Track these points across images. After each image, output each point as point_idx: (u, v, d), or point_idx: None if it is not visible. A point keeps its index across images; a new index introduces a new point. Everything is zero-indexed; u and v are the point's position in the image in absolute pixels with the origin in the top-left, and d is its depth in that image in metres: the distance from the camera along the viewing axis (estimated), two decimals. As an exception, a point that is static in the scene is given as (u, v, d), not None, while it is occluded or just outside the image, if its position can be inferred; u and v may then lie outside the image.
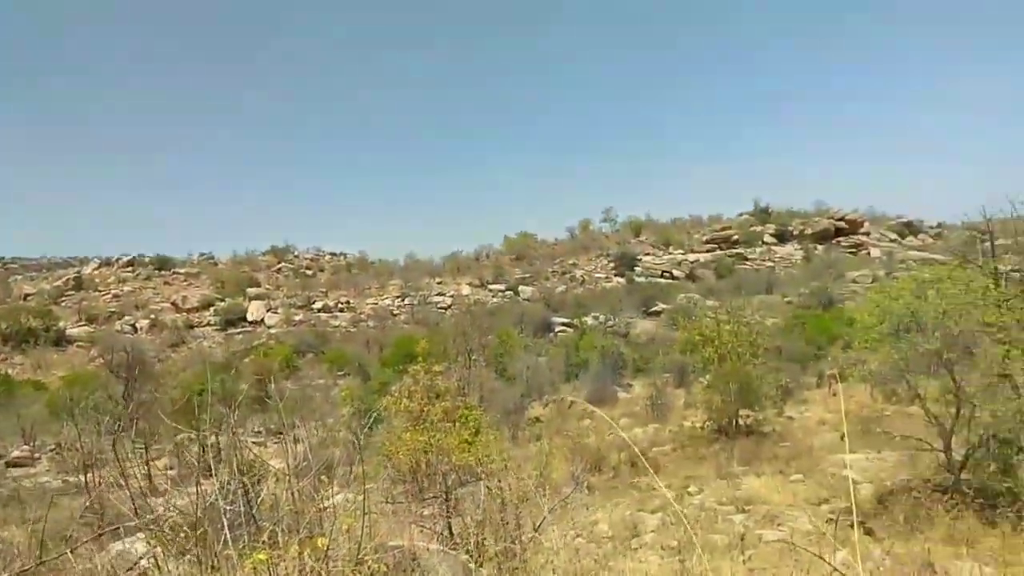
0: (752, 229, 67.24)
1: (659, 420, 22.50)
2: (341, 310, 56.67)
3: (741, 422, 19.07)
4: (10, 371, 40.90)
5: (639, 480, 15.91)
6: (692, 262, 62.25)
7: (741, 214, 73.63)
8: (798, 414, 21.04)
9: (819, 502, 12.66)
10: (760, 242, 65.26)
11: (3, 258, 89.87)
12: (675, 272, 60.76)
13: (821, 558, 3.14)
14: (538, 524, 6.42)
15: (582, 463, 15.52)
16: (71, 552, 3.48)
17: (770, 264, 60.18)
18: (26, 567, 3.16)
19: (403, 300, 58.12)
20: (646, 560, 8.35)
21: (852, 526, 9.31)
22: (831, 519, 11.12)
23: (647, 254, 65.35)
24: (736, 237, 66.17)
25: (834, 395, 23.02)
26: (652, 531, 11.57)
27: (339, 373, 36.45)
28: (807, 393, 24.19)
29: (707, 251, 64.80)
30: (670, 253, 65.76)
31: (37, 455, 23.47)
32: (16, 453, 23.23)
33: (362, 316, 54.93)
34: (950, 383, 11.65)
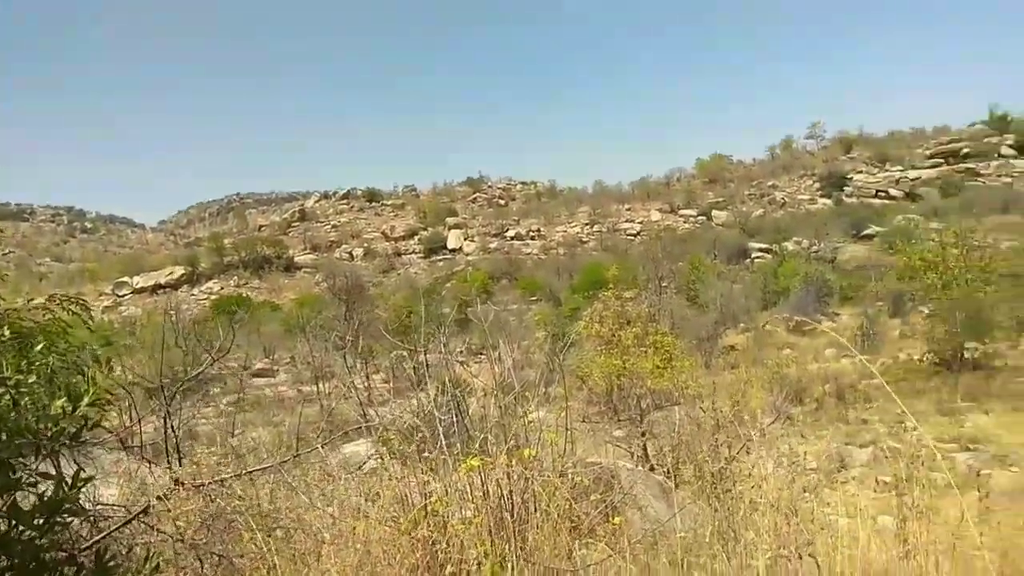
0: (986, 141, 58.30)
1: (870, 351, 20.84)
2: (532, 238, 58.04)
3: (967, 355, 17.13)
4: (250, 293, 46.85)
5: (846, 413, 14.99)
6: (912, 179, 55.69)
7: (973, 124, 63.96)
8: (1039, 348, 18.48)
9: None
10: (996, 155, 56.52)
11: (239, 194, 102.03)
12: (892, 191, 54.85)
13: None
14: (737, 451, 6.26)
15: (782, 393, 14.90)
16: (321, 447, 3.93)
17: (1007, 180, 52.15)
18: (285, 459, 3.63)
19: (592, 227, 58.18)
20: (856, 493, 7.91)
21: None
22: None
23: (859, 172, 59.45)
24: (966, 150, 57.85)
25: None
26: (862, 465, 10.92)
27: (531, 298, 37.60)
28: (1052, 325, 21.08)
29: (930, 167, 57.42)
30: (886, 170, 59.19)
31: (275, 367, 26.89)
32: (259, 364, 26.78)
33: (552, 244, 55.92)
34: None
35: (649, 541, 4.40)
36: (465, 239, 57.56)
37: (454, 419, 4.87)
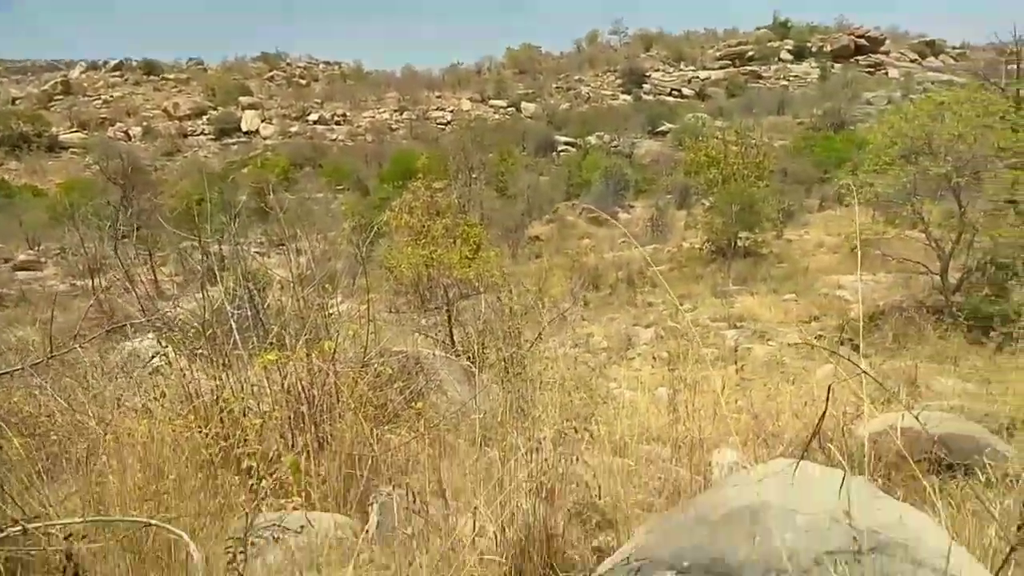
0: (769, 44, 63.64)
1: (659, 241, 22.72)
2: (338, 123, 55.28)
3: (740, 243, 19.25)
4: (6, 177, 40.60)
5: (635, 297, 16.36)
6: (703, 79, 59.76)
7: (759, 28, 69.27)
8: (797, 236, 21.19)
9: (809, 320, 13.08)
10: (776, 59, 62.09)
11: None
12: (684, 90, 58.54)
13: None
14: (537, 335, 6.62)
15: (580, 280, 15.88)
16: (80, 347, 3.56)
17: (784, 83, 57.70)
18: (39, 360, 3.24)
19: (401, 114, 56.48)
20: (640, 369, 8.76)
21: (840, 342, 9.67)
22: (820, 335, 11.54)
23: (656, 70, 62.56)
24: (751, 53, 62.86)
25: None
26: (645, 344, 12.05)
27: (337, 187, 36.25)
28: (809, 216, 24.22)
29: (720, 68, 61.88)
30: (681, 70, 62.89)
31: (43, 259, 23.86)
32: (22, 257, 23.61)
33: (359, 130, 53.70)
34: (955, 208, 11.61)
35: (452, 423, 4.57)
36: (262, 121, 53.49)
37: (249, 313, 4.63)
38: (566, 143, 44.43)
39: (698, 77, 60.33)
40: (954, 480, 3.27)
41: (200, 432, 3.49)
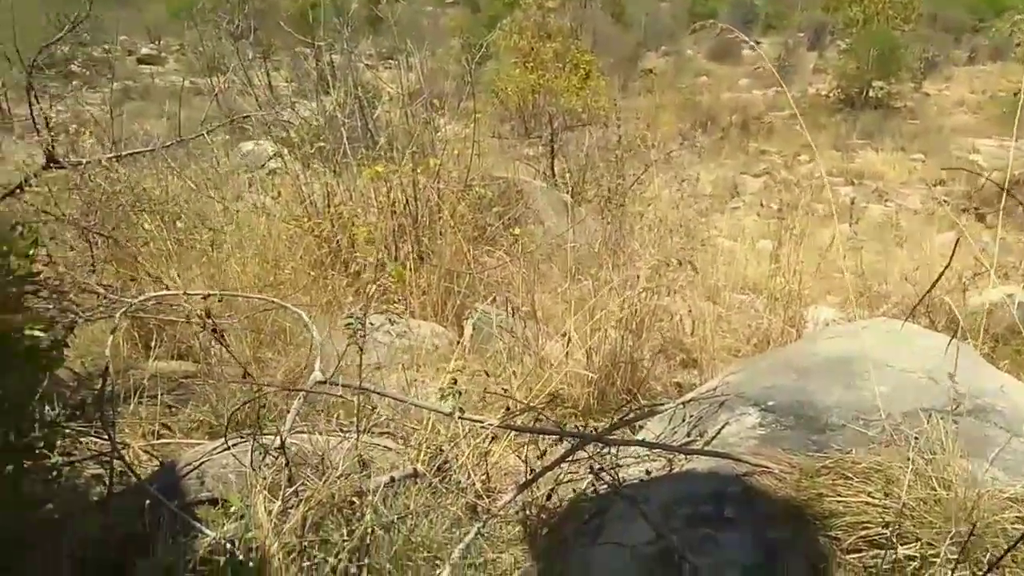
0: None
1: (783, 84, 21.08)
2: (452, -72, 52.12)
3: (872, 93, 17.64)
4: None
5: (747, 143, 15.54)
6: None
7: None
8: (936, 91, 19.18)
9: (935, 183, 12.14)
10: None
11: None
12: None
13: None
14: (640, 173, 6.46)
15: (692, 120, 15.14)
16: (206, 134, 3.74)
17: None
18: (168, 143, 3.46)
19: (520, -78, 52.53)
20: (742, 219, 8.51)
21: (965, 210, 9.02)
22: (944, 201, 10.75)
23: None
24: None
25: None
26: (752, 194, 11.60)
27: (447, 0, 34.87)
28: (953, 69, 21.68)
29: None
30: None
31: (163, 54, 24.51)
32: (144, 51, 24.33)
33: (475, -63, 50.54)
34: None
35: (547, 251, 4.65)
36: (375, -78, 51.04)
37: (359, 124, 4.70)
38: (695, -35, 40.48)
39: None
40: (1067, 360, 3.12)
41: (312, 234, 3.70)
